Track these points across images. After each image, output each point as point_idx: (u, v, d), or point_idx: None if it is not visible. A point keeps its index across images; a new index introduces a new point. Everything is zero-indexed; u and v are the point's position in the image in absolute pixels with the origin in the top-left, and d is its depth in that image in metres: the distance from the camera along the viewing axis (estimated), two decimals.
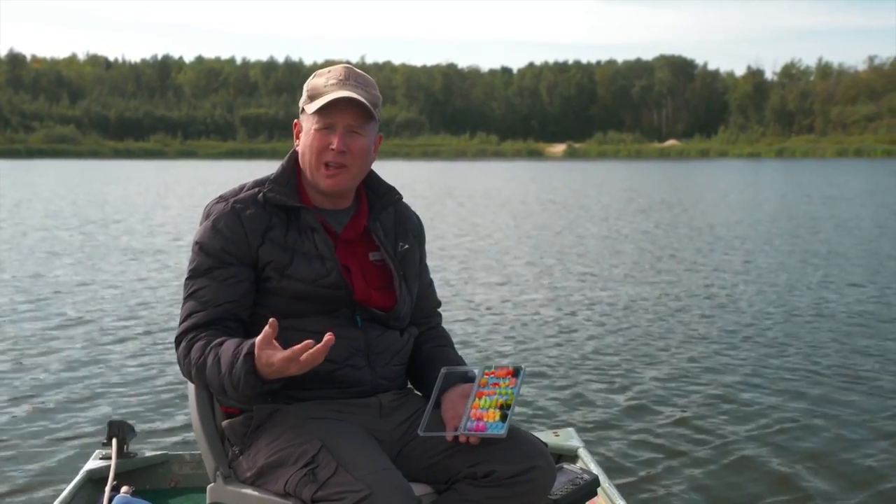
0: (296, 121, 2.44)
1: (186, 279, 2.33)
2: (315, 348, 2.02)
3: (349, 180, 2.37)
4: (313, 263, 2.30)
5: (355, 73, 2.37)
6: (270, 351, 2.04)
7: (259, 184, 2.39)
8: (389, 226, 2.49)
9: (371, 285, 2.39)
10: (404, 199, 2.56)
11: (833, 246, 14.06)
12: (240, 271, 2.29)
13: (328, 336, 2.02)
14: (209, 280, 2.28)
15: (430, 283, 2.63)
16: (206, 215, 2.35)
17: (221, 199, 2.37)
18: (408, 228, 2.53)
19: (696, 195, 29.08)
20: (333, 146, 2.31)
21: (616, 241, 14.86)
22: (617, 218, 19.62)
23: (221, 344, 2.18)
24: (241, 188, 2.40)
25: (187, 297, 2.31)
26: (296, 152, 2.43)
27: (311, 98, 2.35)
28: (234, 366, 2.10)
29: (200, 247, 2.31)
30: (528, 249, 13.73)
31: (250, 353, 2.08)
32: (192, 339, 2.24)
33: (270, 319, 2.05)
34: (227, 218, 2.31)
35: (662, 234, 15.94)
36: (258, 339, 2.06)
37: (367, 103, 2.32)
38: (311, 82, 2.38)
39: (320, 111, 2.31)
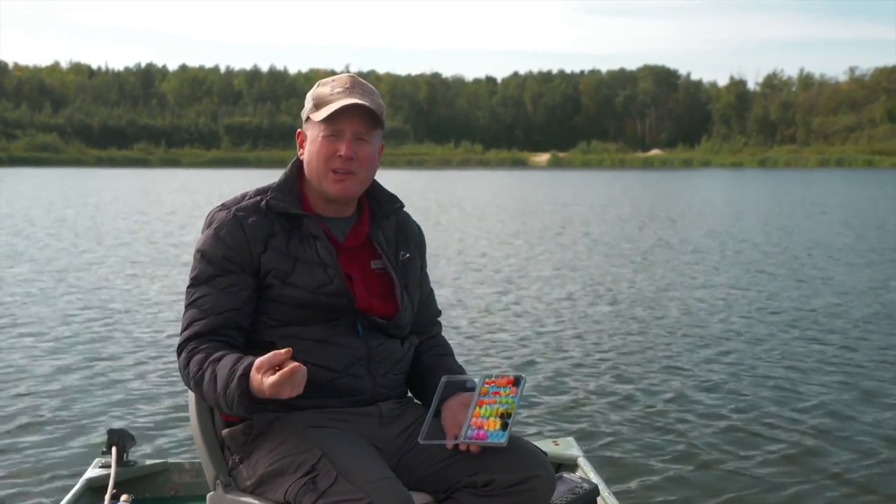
0: (299, 130, 2.44)
1: (188, 287, 2.32)
2: (296, 374, 1.99)
3: (357, 186, 2.37)
4: (315, 271, 2.29)
5: (360, 82, 2.38)
6: (260, 376, 2.02)
7: (261, 192, 2.38)
8: (391, 234, 2.49)
9: (373, 293, 2.38)
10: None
11: (842, 252, 14.21)
12: (241, 279, 2.28)
13: (298, 366, 1.99)
14: (211, 288, 2.28)
15: (431, 292, 2.62)
16: (209, 223, 2.35)
17: (224, 206, 2.36)
18: (409, 237, 2.53)
19: (688, 204, 29.26)
20: (341, 153, 2.31)
21: (615, 251, 14.86)
22: (616, 227, 19.64)
23: (220, 360, 2.16)
24: (244, 196, 2.39)
25: (189, 305, 2.30)
26: (298, 161, 2.42)
27: (318, 106, 2.34)
28: (228, 386, 2.09)
29: (202, 254, 2.31)
30: (527, 258, 13.72)
31: (245, 374, 2.07)
32: (192, 351, 2.23)
33: (287, 349, 2.03)
34: (230, 226, 2.30)
35: (661, 243, 15.97)
36: (258, 360, 2.03)
37: (375, 110, 2.32)
38: (316, 91, 2.38)
39: (328, 119, 2.31)
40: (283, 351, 2.01)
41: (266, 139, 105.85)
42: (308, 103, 2.38)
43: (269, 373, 2.01)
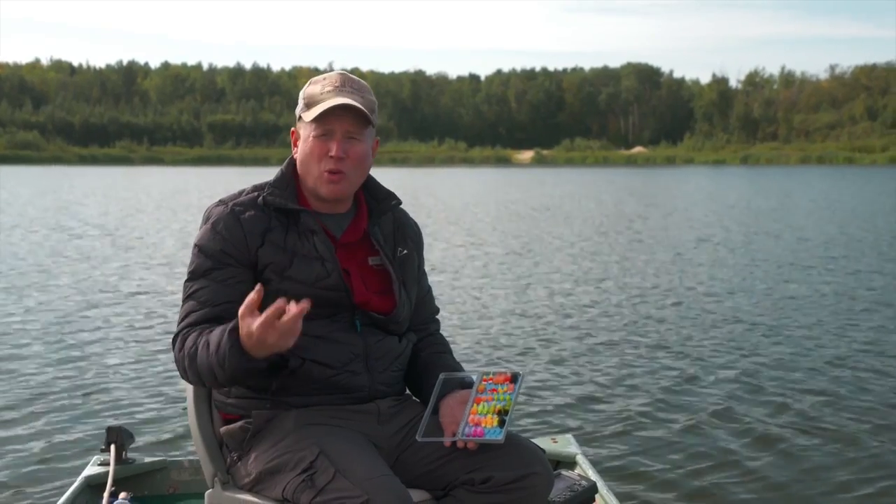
0: (293, 129, 2.43)
1: (186, 281, 2.33)
2: (290, 314, 1.99)
3: (349, 186, 2.37)
4: (313, 265, 2.29)
5: (351, 80, 2.37)
6: (250, 319, 2.02)
7: (258, 188, 2.39)
8: (388, 231, 2.49)
9: (370, 289, 2.38)
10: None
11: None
12: (239, 272, 2.28)
13: (304, 302, 2.01)
14: (208, 281, 2.28)
15: (429, 289, 2.62)
16: (206, 218, 2.35)
17: (221, 202, 2.36)
18: (406, 234, 2.53)
19: (680, 201, 29.41)
20: (332, 153, 2.31)
21: (614, 248, 14.87)
22: (612, 224, 19.67)
23: (212, 331, 2.18)
24: (241, 192, 2.40)
25: (186, 298, 2.31)
26: (294, 159, 2.42)
27: (308, 106, 2.34)
28: (220, 343, 2.10)
29: (200, 249, 2.31)
30: (524, 256, 13.72)
31: (234, 327, 2.07)
32: (187, 333, 2.24)
33: (257, 285, 2.03)
34: (227, 220, 2.30)
35: (659, 241, 15.98)
36: (241, 307, 2.04)
37: (364, 109, 2.32)
38: (307, 90, 2.38)
39: (318, 119, 2.31)
40: (279, 300, 2.00)
41: (249, 137, 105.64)
42: (300, 102, 2.38)
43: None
